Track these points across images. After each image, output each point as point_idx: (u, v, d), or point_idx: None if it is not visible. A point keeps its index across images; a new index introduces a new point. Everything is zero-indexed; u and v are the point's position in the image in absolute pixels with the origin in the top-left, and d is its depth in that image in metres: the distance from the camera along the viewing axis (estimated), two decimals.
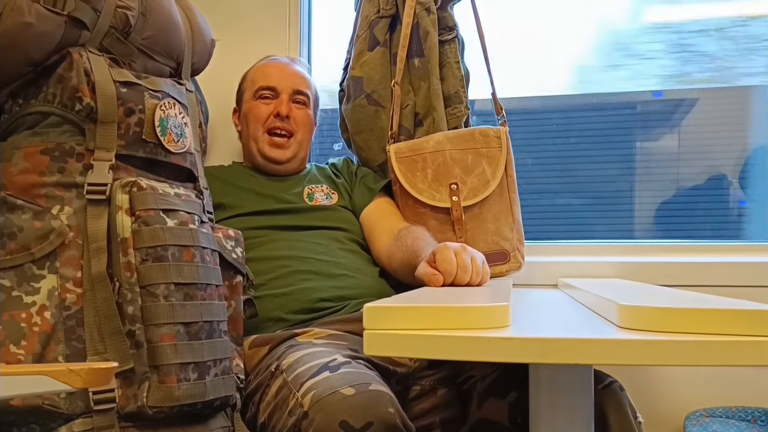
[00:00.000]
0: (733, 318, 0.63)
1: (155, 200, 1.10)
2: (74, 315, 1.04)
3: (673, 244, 1.71)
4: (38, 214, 1.05)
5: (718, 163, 1.82)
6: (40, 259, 1.04)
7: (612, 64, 1.89)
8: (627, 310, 0.69)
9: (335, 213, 1.53)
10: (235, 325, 1.23)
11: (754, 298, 0.76)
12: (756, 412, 1.47)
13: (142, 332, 1.03)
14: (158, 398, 1.02)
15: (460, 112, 1.57)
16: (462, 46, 1.62)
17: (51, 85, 1.10)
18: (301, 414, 0.94)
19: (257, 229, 1.44)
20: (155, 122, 1.16)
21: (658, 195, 1.86)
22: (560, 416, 0.87)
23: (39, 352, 1.00)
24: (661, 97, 1.87)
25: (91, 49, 1.13)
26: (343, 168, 1.65)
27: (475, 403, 1.19)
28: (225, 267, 1.22)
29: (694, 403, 1.50)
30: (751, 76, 1.79)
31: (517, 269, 1.51)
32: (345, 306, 1.34)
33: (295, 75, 1.61)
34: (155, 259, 1.06)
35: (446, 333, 0.67)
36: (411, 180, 1.51)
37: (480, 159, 1.50)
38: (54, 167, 1.08)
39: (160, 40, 1.23)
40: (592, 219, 1.91)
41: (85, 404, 1.00)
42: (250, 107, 1.59)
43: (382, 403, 0.93)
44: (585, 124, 1.91)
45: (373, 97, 1.61)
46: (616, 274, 1.57)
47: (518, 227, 1.52)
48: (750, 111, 1.83)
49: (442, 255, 1.10)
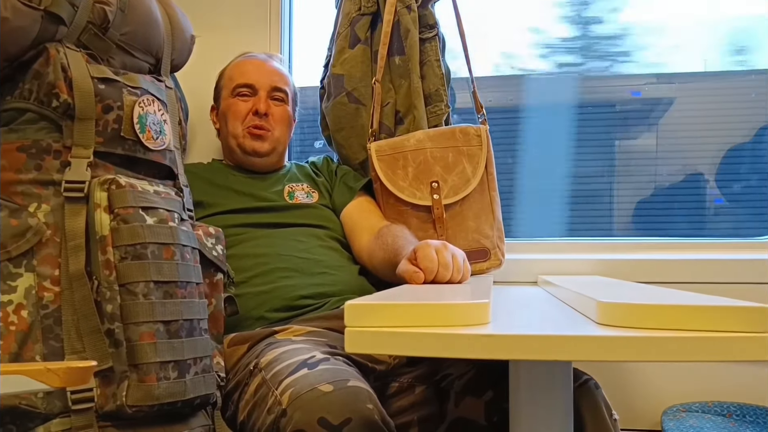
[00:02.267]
0: (710, 314, 0.64)
1: (134, 198, 1.09)
2: (52, 314, 1.03)
3: (652, 241, 1.73)
4: (15, 212, 1.04)
5: (695, 161, 1.85)
6: (17, 257, 1.02)
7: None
8: (606, 306, 0.69)
9: (316, 211, 1.53)
10: (216, 323, 1.23)
11: (731, 294, 0.77)
12: (731, 406, 1.50)
13: (121, 331, 1.03)
14: (138, 397, 1.01)
15: (440, 110, 1.57)
16: (443, 44, 1.62)
17: (27, 81, 1.09)
18: (279, 412, 0.94)
19: (238, 227, 1.43)
20: (134, 119, 1.15)
21: (637, 193, 1.88)
22: (539, 412, 0.88)
23: (16, 351, 0.99)
24: (639, 96, 1.89)
25: (69, 45, 1.11)
26: (323, 167, 1.65)
27: (453, 401, 1.20)
28: (205, 265, 1.21)
29: (670, 398, 1.52)
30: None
31: (497, 267, 1.52)
32: (325, 303, 1.34)
33: (273, 72, 1.61)
34: (134, 257, 1.05)
35: (427, 330, 0.67)
36: (392, 178, 1.51)
37: (461, 157, 1.51)
38: (31, 164, 1.07)
39: (139, 35, 1.22)
40: (571, 217, 1.92)
41: (63, 404, 0.99)
42: (228, 105, 1.58)
43: (360, 399, 0.93)
44: (565, 124, 1.92)
45: (353, 95, 1.61)
46: (595, 271, 1.59)
47: (498, 225, 1.53)
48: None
49: (423, 253, 1.10)
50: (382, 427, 0.92)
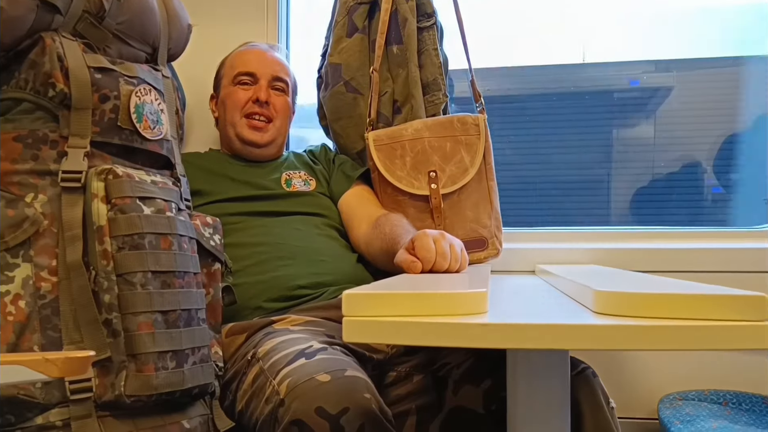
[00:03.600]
0: (707, 303, 0.64)
1: (131, 188, 1.08)
2: (49, 304, 1.03)
3: (649, 230, 1.73)
4: (11, 202, 1.04)
5: (692, 150, 1.85)
6: (14, 247, 1.02)
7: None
8: (602, 295, 0.70)
9: (313, 199, 1.53)
10: (214, 312, 1.23)
11: (729, 283, 0.77)
12: (728, 394, 1.50)
13: (119, 321, 1.03)
14: (136, 387, 1.01)
15: (438, 99, 1.57)
16: (441, 32, 1.62)
17: (23, 71, 1.08)
18: (277, 401, 0.94)
19: (234, 216, 1.43)
20: (131, 109, 1.14)
21: (634, 182, 1.88)
22: (537, 401, 0.88)
23: (14, 341, 0.99)
24: (638, 84, 1.89)
25: (65, 34, 1.11)
26: (321, 155, 1.65)
27: (451, 390, 1.20)
28: (203, 254, 1.21)
29: (667, 387, 1.53)
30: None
31: (495, 256, 1.52)
32: (323, 293, 1.35)
33: (275, 62, 1.61)
34: (132, 247, 1.05)
35: (425, 320, 0.67)
36: (390, 168, 1.51)
37: (458, 146, 1.50)
38: (27, 155, 1.07)
39: (136, 25, 1.21)
40: (569, 206, 1.93)
41: (61, 394, 0.99)
42: (228, 93, 1.57)
43: (358, 388, 0.93)
44: (562, 112, 1.92)
45: (351, 84, 1.60)
46: (592, 260, 1.59)
47: (496, 214, 1.53)
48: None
49: (421, 242, 1.10)
50: (379, 417, 0.92)
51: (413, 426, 1.20)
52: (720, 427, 1.34)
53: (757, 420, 1.44)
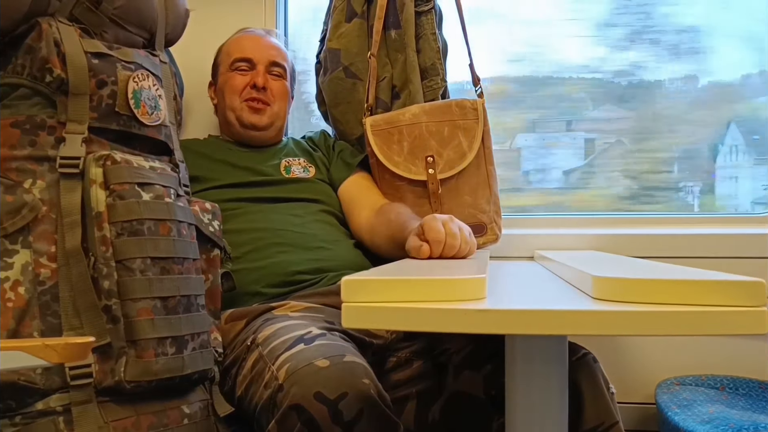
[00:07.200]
0: (707, 289, 0.64)
1: (130, 174, 1.08)
2: (49, 290, 1.03)
3: (649, 216, 1.73)
4: (9, 188, 1.04)
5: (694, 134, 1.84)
6: (13, 233, 1.02)
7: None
8: (601, 281, 0.70)
9: (312, 185, 1.53)
10: (213, 298, 1.23)
11: (729, 269, 0.77)
12: (725, 380, 1.51)
13: (119, 307, 1.03)
14: (136, 373, 1.01)
15: (436, 84, 1.56)
16: (439, 17, 1.61)
17: (20, 56, 1.08)
18: (276, 387, 0.94)
19: (233, 201, 1.43)
20: (128, 94, 1.14)
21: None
22: (535, 386, 0.88)
23: (13, 327, 0.99)
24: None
25: (61, 19, 1.10)
26: (320, 141, 1.65)
27: (451, 375, 1.21)
28: (202, 240, 1.21)
29: (664, 372, 1.54)
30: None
31: (494, 242, 1.52)
32: (322, 279, 1.35)
33: (272, 47, 1.60)
34: (131, 233, 1.05)
35: (424, 305, 0.67)
36: (387, 153, 1.50)
37: (456, 131, 1.50)
38: (25, 140, 1.06)
39: (133, 9, 1.20)
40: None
41: (61, 379, 1.00)
42: (226, 79, 1.57)
43: (356, 374, 0.93)
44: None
45: (350, 70, 1.59)
46: (592, 246, 1.59)
47: (495, 200, 1.52)
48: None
49: (429, 225, 1.10)
50: (377, 402, 0.93)
51: (413, 411, 1.21)
52: (717, 412, 1.34)
53: (753, 405, 1.44)
